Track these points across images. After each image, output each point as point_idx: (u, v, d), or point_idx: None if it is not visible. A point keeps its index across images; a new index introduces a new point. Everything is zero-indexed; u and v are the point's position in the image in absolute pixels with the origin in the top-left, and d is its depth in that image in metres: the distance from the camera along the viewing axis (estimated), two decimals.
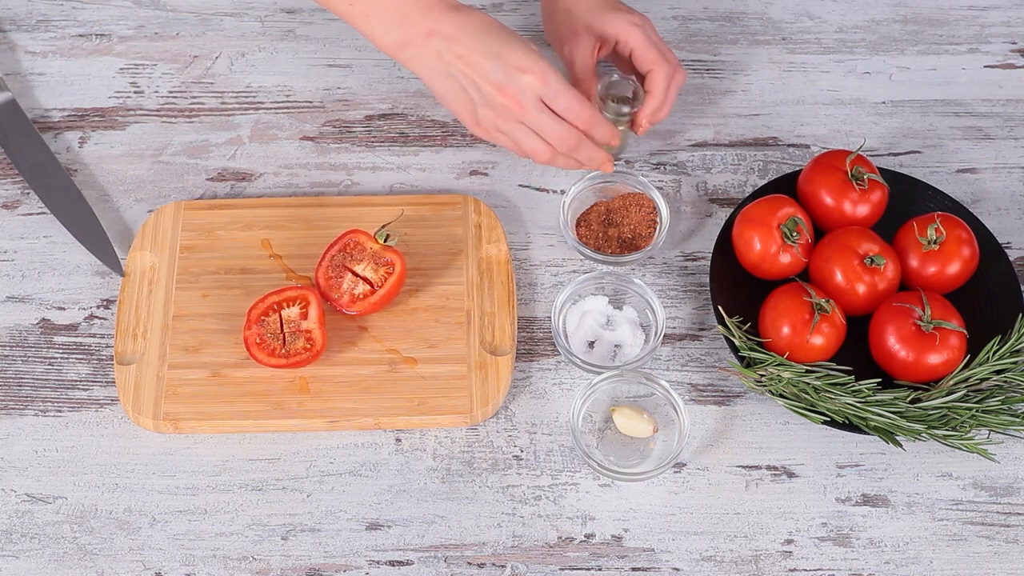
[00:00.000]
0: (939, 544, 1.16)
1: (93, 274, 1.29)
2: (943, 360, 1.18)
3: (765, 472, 1.19)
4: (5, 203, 1.34)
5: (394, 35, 1.22)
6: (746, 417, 1.22)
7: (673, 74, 1.32)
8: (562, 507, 1.17)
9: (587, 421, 1.21)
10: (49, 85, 1.42)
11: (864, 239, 1.23)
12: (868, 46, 1.48)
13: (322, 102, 1.42)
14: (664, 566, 1.14)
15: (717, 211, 1.35)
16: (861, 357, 1.22)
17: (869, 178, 1.27)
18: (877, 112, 1.42)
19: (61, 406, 1.21)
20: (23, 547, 1.14)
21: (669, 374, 1.24)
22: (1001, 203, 1.36)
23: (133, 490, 1.17)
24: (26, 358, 1.24)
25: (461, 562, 1.14)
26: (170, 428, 1.19)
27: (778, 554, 1.15)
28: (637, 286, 1.26)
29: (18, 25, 1.47)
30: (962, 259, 1.23)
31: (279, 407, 1.19)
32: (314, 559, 1.14)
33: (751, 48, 1.48)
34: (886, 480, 1.19)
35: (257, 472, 1.18)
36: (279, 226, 1.30)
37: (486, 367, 1.22)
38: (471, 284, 1.27)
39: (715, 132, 1.40)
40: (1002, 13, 1.51)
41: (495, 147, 1.38)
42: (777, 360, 1.19)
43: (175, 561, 1.14)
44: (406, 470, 1.19)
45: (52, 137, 1.38)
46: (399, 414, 1.19)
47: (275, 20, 1.49)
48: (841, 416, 1.17)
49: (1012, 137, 1.40)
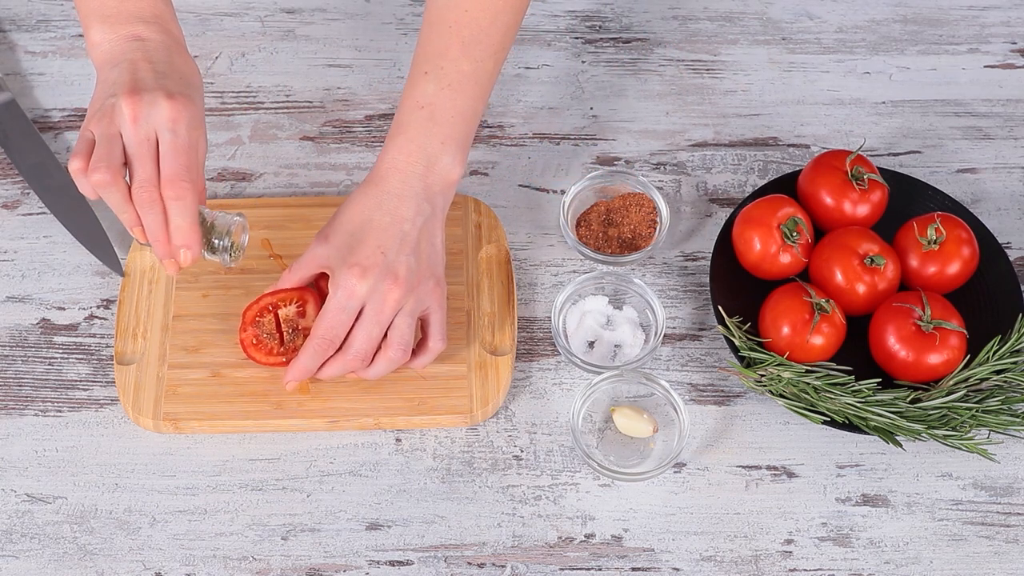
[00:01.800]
0: (939, 544, 1.16)
1: (93, 274, 1.29)
2: (943, 360, 1.18)
3: (765, 472, 1.19)
4: (5, 203, 1.34)
5: (103, 33, 1.13)
6: (746, 417, 1.22)
7: (335, 357, 1.16)
8: (562, 507, 1.17)
9: (587, 421, 1.21)
10: (49, 85, 1.42)
11: (864, 239, 1.23)
12: (868, 46, 1.48)
13: (322, 102, 1.42)
14: (664, 566, 1.14)
15: (717, 211, 1.35)
16: (861, 357, 1.22)
17: (869, 178, 1.27)
18: (877, 112, 1.42)
19: (61, 406, 1.21)
20: (23, 547, 1.14)
21: (669, 374, 1.24)
22: (1001, 203, 1.36)
23: (133, 490, 1.17)
24: (26, 358, 1.24)
25: (461, 562, 1.14)
26: (170, 428, 1.19)
27: (778, 554, 1.15)
28: (637, 286, 1.26)
29: (18, 25, 1.47)
30: (962, 259, 1.23)
31: (279, 407, 1.19)
32: (314, 559, 1.14)
33: (751, 48, 1.48)
34: (886, 480, 1.19)
35: (257, 472, 1.18)
36: (279, 226, 1.30)
37: (486, 367, 1.22)
38: (471, 284, 1.27)
39: (715, 132, 1.41)
40: (1002, 13, 1.51)
41: (495, 147, 1.38)
42: (777, 360, 1.19)
43: (175, 561, 1.14)
44: (406, 470, 1.19)
45: (52, 137, 1.38)
46: (399, 414, 1.19)
47: (275, 20, 1.49)
48: (841, 416, 1.17)
49: (1012, 137, 1.41)
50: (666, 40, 1.48)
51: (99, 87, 1.11)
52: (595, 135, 1.40)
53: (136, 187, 1.07)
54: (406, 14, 1.50)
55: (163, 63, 1.11)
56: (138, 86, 1.08)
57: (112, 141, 1.07)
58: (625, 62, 1.46)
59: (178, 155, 1.07)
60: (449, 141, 1.17)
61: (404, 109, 1.18)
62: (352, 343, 1.15)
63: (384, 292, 1.13)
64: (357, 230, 1.15)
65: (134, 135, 1.07)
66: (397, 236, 1.15)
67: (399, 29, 1.48)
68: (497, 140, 1.39)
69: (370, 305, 1.14)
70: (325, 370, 1.17)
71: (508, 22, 1.18)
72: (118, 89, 1.08)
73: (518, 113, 1.41)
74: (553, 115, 1.41)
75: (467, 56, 1.17)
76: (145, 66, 1.10)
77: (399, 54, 1.46)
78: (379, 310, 1.14)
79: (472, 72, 1.17)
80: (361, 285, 1.13)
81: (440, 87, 1.16)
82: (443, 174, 1.17)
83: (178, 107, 1.07)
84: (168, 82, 1.09)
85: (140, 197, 1.07)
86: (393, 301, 1.14)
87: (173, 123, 1.07)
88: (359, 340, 1.14)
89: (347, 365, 1.16)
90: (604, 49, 1.47)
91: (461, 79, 1.17)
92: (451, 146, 1.17)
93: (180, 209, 1.07)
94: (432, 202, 1.17)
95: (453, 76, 1.17)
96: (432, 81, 1.17)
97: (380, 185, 1.16)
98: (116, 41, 1.12)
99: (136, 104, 1.07)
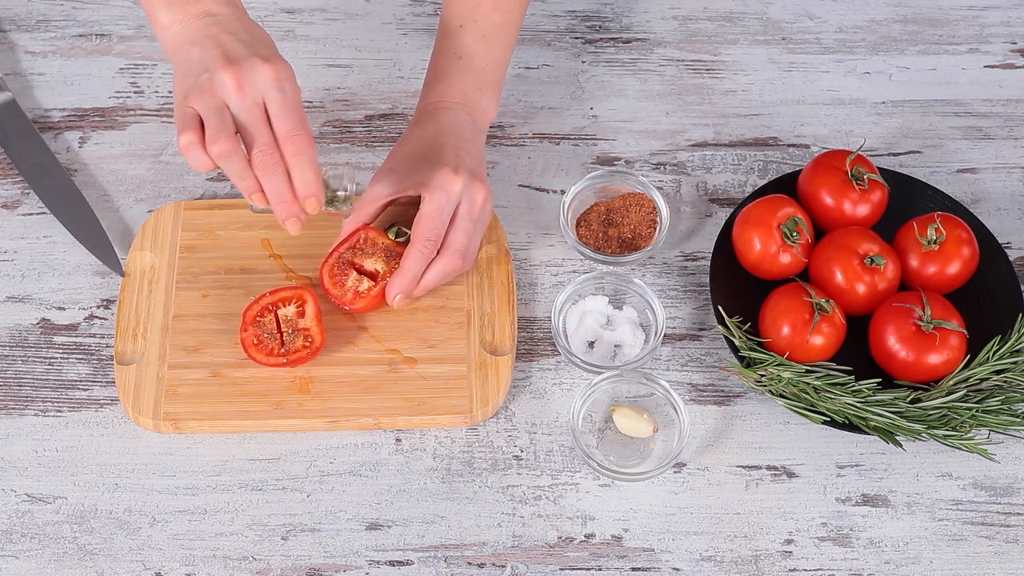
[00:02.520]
0: (939, 544, 1.16)
1: (93, 274, 1.29)
2: (943, 360, 1.18)
3: (765, 472, 1.19)
4: (5, 203, 1.34)
5: (171, 15, 1.15)
6: (746, 417, 1.22)
7: (436, 259, 1.21)
8: (562, 507, 1.17)
9: (587, 421, 1.21)
10: (49, 85, 1.42)
11: (864, 239, 1.23)
12: (868, 46, 1.48)
13: (322, 102, 1.42)
14: (664, 566, 1.14)
15: (717, 211, 1.35)
16: (861, 357, 1.22)
17: (869, 178, 1.27)
18: (877, 112, 1.42)
19: (61, 406, 1.21)
20: (23, 547, 1.14)
21: (669, 374, 1.24)
22: (1001, 203, 1.36)
23: (133, 490, 1.17)
24: (26, 358, 1.24)
25: (461, 562, 1.14)
26: (170, 428, 1.19)
27: (778, 554, 1.15)
28: (637, 286, 1.26)
29: (18, 25, 1.47)
30: (962, 259, 1.23)
31: (279, 407, 1.19)
32: (314, 559, 1.14)
33: (751, 48, 1.48)
34: (886, 480, 1.19)
35: (257, 472, 1.18)
36: (279, 226, 1.29)
37: (486, 367, 1.22)
38: (471, 284, 1.27)
39: (715, 132, 1.41)
40: (1002, 13, 1.51)
41: (495, 147, 1.38)
42: (777, 360, 1.19)
43: (175, 561, 1.14)
44: (406, 470, 1.19)
45: (52, 137, 1.38)
46: (399, 414, 1.19)
47: (275, 20, 1.49)
48: (841, 416, 1.17)
49: (1012, 137, 1.41)
50: (666, 40, 1.48)
51: (182, 66, 1.12)
52: (595, 135, 1.40)
53: (257, 152, 1.09)
54: (406, 14, 1.50)
55: (243, 32, 1.13)
56: (231, 56, 1.10)
57: (222, 112, 1.09)
58: (625, 62, 1.46)
59: (290, 112, 1.10)
60: (485, 87, 1.28)
61: (441, 59, 1.28)
62: (451, 243, 1.21)
63: (474, 191, 1.21)
64: (428, 151, 1.23)
65: (242, 102, 1.09)
66: (466, 149, 1.23)
67: (399, 29, 1.48)
68: (497, 140, 1.39)
69: (464, 204, 1.21)
70: (429, 274, 1.22)
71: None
72: (211, 64, 1.10)
73: (518, 113, 1.41)
74: (553, 115, 1.41)
75: (497, 8, 1.28)
76: (228, 38, 1.12)
77: (399, 54, 1.46)
78: (471, 208, 1.21)
79: (503, 23, 1.28)
80: (456, 183, 1.20)
81: (476, 38, 1.27)
82: (482, 113, 1.29)
83: (277, 68, 1.10)
84: (257, 47, 1.11)
85: (263, 161, 1.09)
86: (481, 199, 1.22)
87: (279, 82, 1.10)
88: (458, 238, 1.21)
89: (449, 264, 1.22)
90: (604, 49, 1.47)
91: (495, 30, 1.28)
92: (487, 91, 1.29)
93: (304, 163, 1.10)
94: (478, 130, 1.27)
95: (487, 28, 1.27)
96: (468, 33, 1.27)
97: (433, 119, 1.26)
98: (187, 20, 1.14)
99: (238, 73, 1.09)
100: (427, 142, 1.24)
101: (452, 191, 1.20)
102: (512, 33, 1.29)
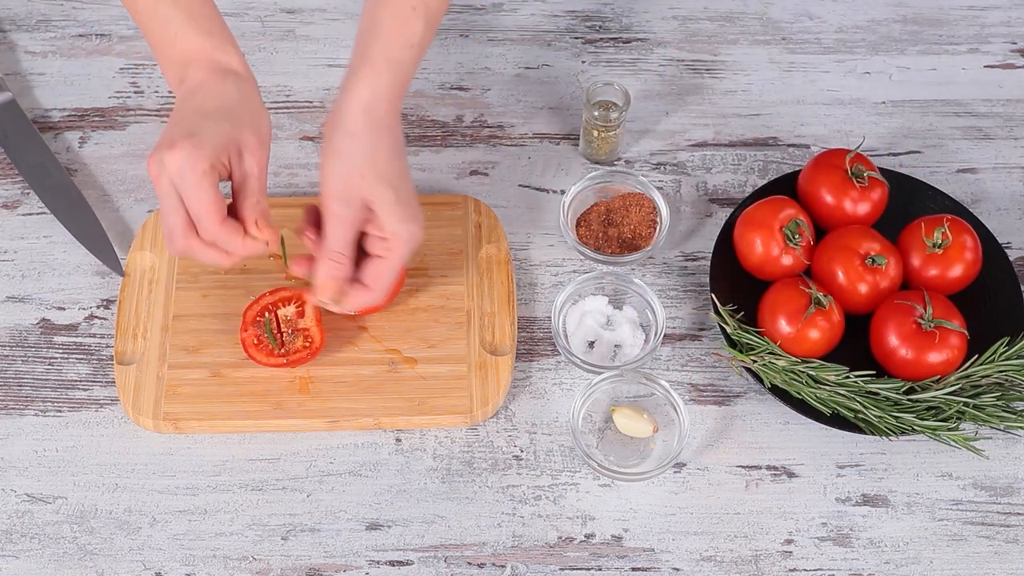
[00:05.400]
0: (939, 544, 1.16)
1: (93, 274, 1.29)
2: (943, 359, 1.18)
3: (765, 472, 1.19)
4: (5, 203, 1.34)
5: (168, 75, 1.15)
6: (746, 417, 1.22)
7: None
8: (562, 507, 1.17)
9: (587, 421, 1.21)
10: (49, 85, 1.42)
11: (865, 238, 1.23)
12: (868, 46, 1.48)
13: (322, 102, 1.42)
14: (664, 566, 1.14)
15: (717, 211, 1.35)
16: (861, 356, 1.22)
17: (869, 176, 1.27)
18: (877, 112, 1.42)
19: (61, 406, 1.22)
20: (23, 547, 1.14)
21: (669, 374, 1.24)
22: (1001, 203, 1.36)
23: (133, 490, 1.17)
24: (26, 358, 1.24)
25: (461, 562, 1.14)
26: (170, 428, 1.19)
27: (778, 554, 1.15)
28: (637, 286, 1.26)
29: (18, 25, 1.47)
30: (965, 264, 1.23)
31: (279, 407, 1.19)
32: (314, 559, 1.14)
33: (751, 48, 1.48)
34: (886, 480, 1.19)
35: (257, 472, 1.18)
36: (279, 226, 1.29)
37: (486, 367, 1.22)
38: (471, 284, 1.27)
39: (715, 132, 1.41)
40: (1002, 13, 1.51)
41: (495, 147, 1.38)
42: (770, 347, 1.18)
43: (175, 561, 1.14)
44: (406, 470, 1.19)
45: (52, 137, 1.38)
46: (399, 414, 1.19)
47: (275, 20, 1.49)
48: (830, 406, 1.17)
49: (1012, 137, 1.41)
50: (666, 40, 1.48)
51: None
52: None
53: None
54: None
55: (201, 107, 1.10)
56: (160, 140, 1.09)
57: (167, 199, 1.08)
58: (625, 62, 1.46)
59: (192, 199, 1.07)
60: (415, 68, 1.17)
61: (395, 47, 1.14)
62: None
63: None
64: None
65: (160, 189, 1.08)
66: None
67: None
68: (497, 140, 1.39)
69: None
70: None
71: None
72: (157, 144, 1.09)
73: (518, 113, 1.41)
74: (553, 115, 1.41)
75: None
76: (176, 116, 1.11)
77: None
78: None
79: (438, 7, 1.16)
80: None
81: (428, 28, 1.15)
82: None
83: (180, 155, 1.06)
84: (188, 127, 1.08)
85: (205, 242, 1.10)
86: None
87: (180, 172, 1.06)
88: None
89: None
90: (604, 49, 1.47)
91: (438, 15, 1.16)
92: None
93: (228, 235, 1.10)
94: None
95: (435, 14, 1.15)
96: (420, 19, 1.14)
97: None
98: (174, 85, 1.14)
99: (151, 162, 1.07)
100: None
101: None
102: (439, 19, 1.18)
